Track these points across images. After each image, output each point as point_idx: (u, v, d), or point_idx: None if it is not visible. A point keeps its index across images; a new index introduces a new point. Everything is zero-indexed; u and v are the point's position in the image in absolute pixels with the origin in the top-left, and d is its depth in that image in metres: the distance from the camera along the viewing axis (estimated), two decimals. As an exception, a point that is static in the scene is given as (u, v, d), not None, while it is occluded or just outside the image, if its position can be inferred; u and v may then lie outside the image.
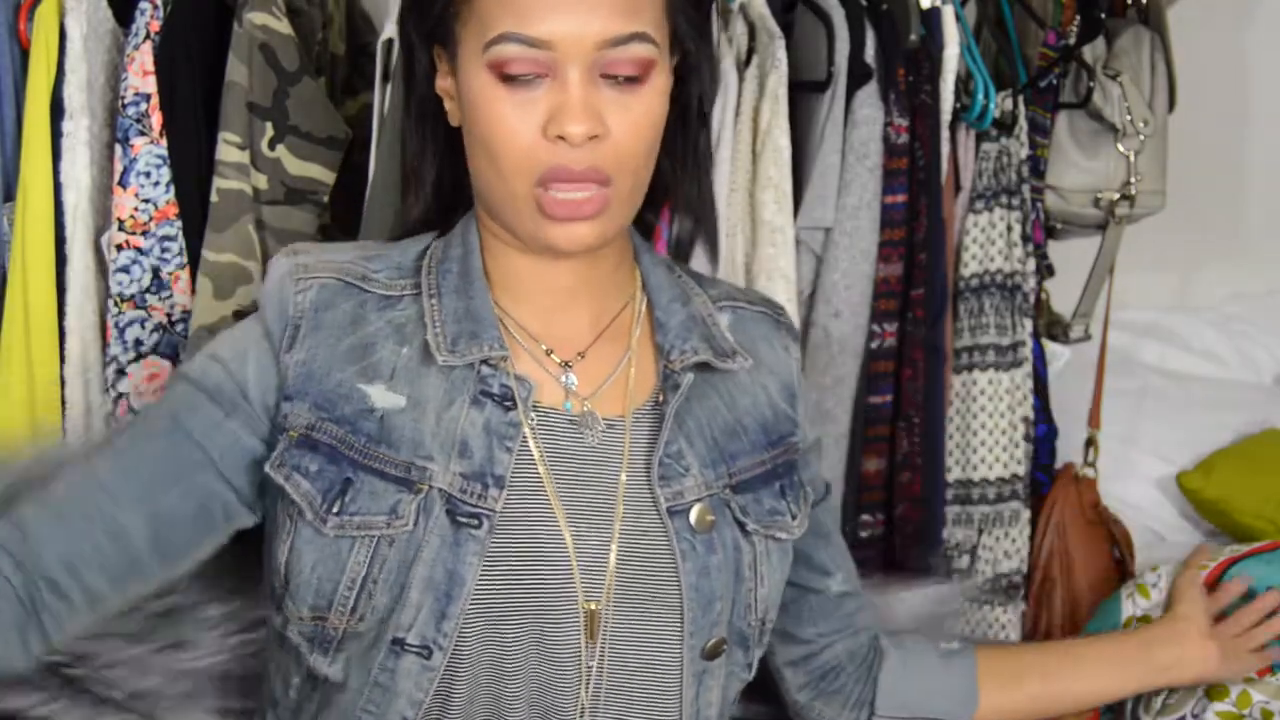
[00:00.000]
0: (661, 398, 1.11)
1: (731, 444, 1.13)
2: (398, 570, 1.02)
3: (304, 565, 1.04)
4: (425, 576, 1.02)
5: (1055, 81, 1.94)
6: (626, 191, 1.04)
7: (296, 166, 1.58)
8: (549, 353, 1.11)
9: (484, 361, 1.06)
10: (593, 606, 1.05)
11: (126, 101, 1.53)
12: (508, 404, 1.06)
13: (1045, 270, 1.96)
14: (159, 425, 1.08)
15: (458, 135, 1.09)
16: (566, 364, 1.10)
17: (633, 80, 1.01)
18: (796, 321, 1.65)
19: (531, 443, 1.07)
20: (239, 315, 1.54)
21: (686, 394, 1.10)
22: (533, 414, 1.07)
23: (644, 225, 1.19)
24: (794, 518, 1.15)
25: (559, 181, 1.00)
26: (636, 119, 1.02)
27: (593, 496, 1.07)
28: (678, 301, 1.14)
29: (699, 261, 1.30)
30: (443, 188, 1.14)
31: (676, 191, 1.15)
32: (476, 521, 1.03)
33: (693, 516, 1.08)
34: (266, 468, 1.06)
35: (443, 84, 1.08)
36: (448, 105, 1.09)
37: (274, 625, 1.10)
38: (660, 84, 1.04)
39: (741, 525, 1.10)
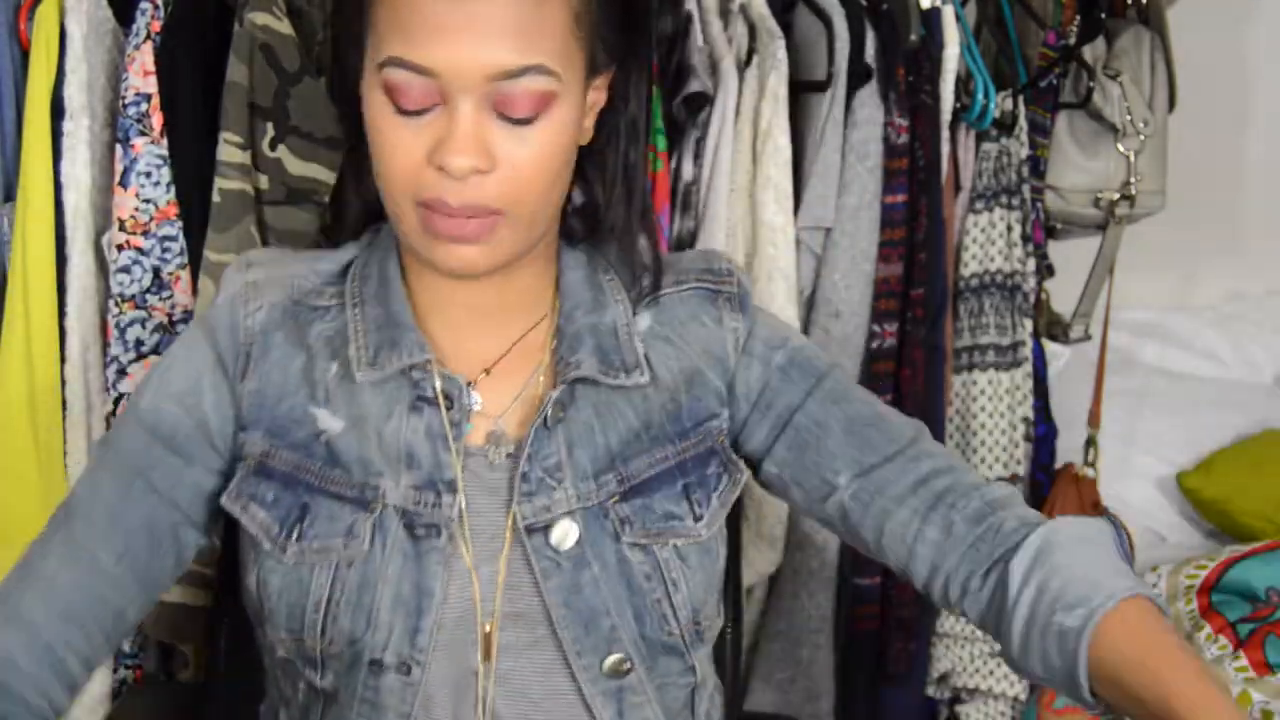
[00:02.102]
0: (548, 412, 1.05)
1: (628, 447, 1.06)
2: (359, 591, 1.01)
3: (272, 592, 1.04)
4: (393, 595, 1.01)
5: (1055, 81, 1.94)
6: (521, 219, 0.98)
7: (297, 166, 1.58)
8: (450, 372, 1.06)
9: (410, 368, 1.04)
10: (488, 628, 1.03)
11: (127, 101, 1.53)
12: (446, 405, 1.04)
13: (1045, 270, 1.96)
14: (125, 482, 1.05)
15: None
16: (470, 384, 1.06)
17: (529, 115, 0.95)
18: (796, 320, 1.65)
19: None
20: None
21: (571, 401, 1.05)
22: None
23: (569, 232, 1.12)
24: (698, 519, 1.07)
25: (437, 213, 0.96)
26: (532, 154, 0.96)
27: (492, 517, 1.04)
28: (582, 308, 1.08)
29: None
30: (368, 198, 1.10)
31: (599, 211, 1.09)
32: (435, 532, 1.02)
33: (554, 533, 1.03)
34: (223, 500, 1.05)
35: (362, 86, 1.03)
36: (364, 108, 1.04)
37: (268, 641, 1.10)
38: (563, 116, 0.97)
39: (619, 537, 1.04)
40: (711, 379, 1.10)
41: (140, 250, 1.55)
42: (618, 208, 1.08)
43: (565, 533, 1.03)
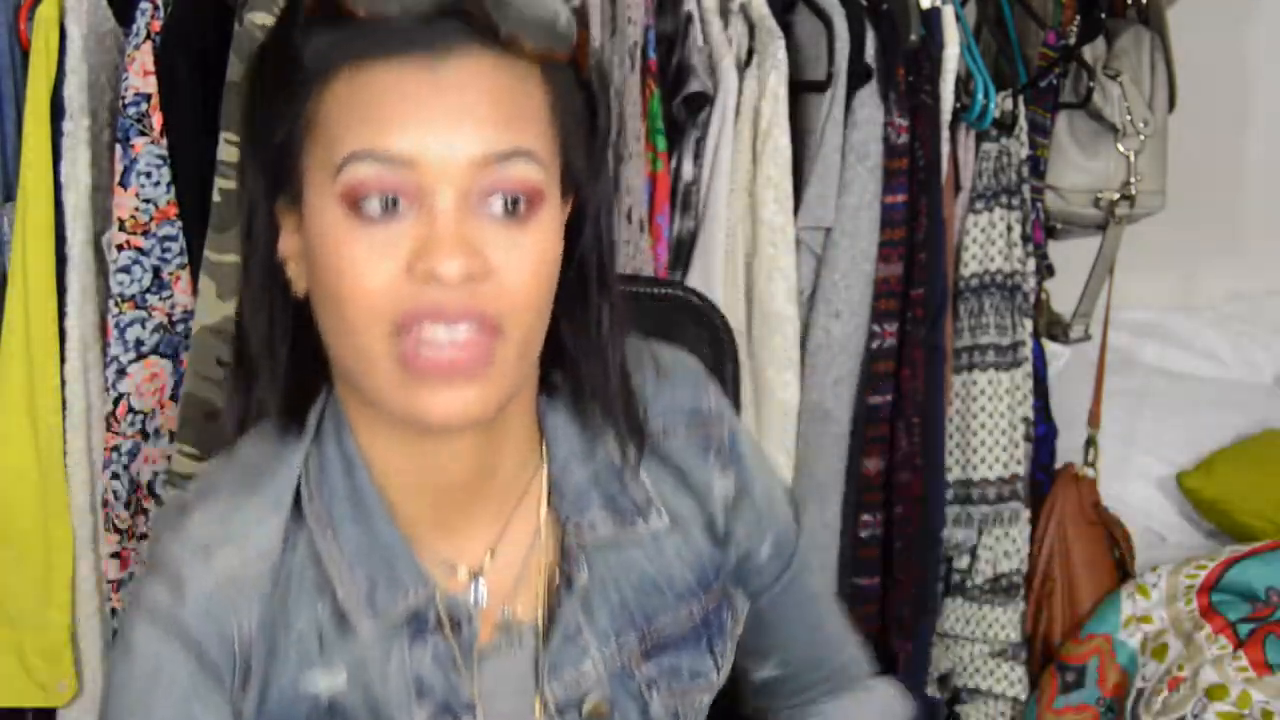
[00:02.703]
0: (557, 582, 0.94)
1: (649, 601, 0.96)
2: None
3: None
4: None
5: (1055, 81, 1.94)
6: (519, 345, 0.83)
7: (297, 166, 1.58)
8: (453, 569, 0.93)
9: (413, 612, 0.90)
10: None
11: (127, 101, 1.53)
12: (453, 627, 0.91)
13: (1045, 270, 1.96)
14: None
15: (306, 307, 0.87)
16: (476, 575, 0.93)
17: (520, 210, 0.81)
18: (796, 322, 1.65)
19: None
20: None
21: (578, 566, 0.94)
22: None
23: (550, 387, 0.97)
24: (719, 670, 1.01)
25: (425, 320, 0.79)
26: (528, 259, 0.81)
27: (516, 704, 0.95)
28: (577, 457, 0.95)
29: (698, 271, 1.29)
30: (297, 371, 0.90)
31: (576, 364, 0.92)
32: None
33: (585, 709, 0.94)
34: None
35: (285, 246, 0.87)
36: (291, 271, 0.87)
37: None
38: (552, 220, 0.84)
39: (647, 710, 0.96)
40: (709, 536, 1.00)
41: (140, 250, 1.55)
42: (597, 364, 0.92)
43: (595, 703, 0.95)
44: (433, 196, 0.79)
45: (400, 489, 0.90)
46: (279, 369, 0.89)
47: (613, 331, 0.92)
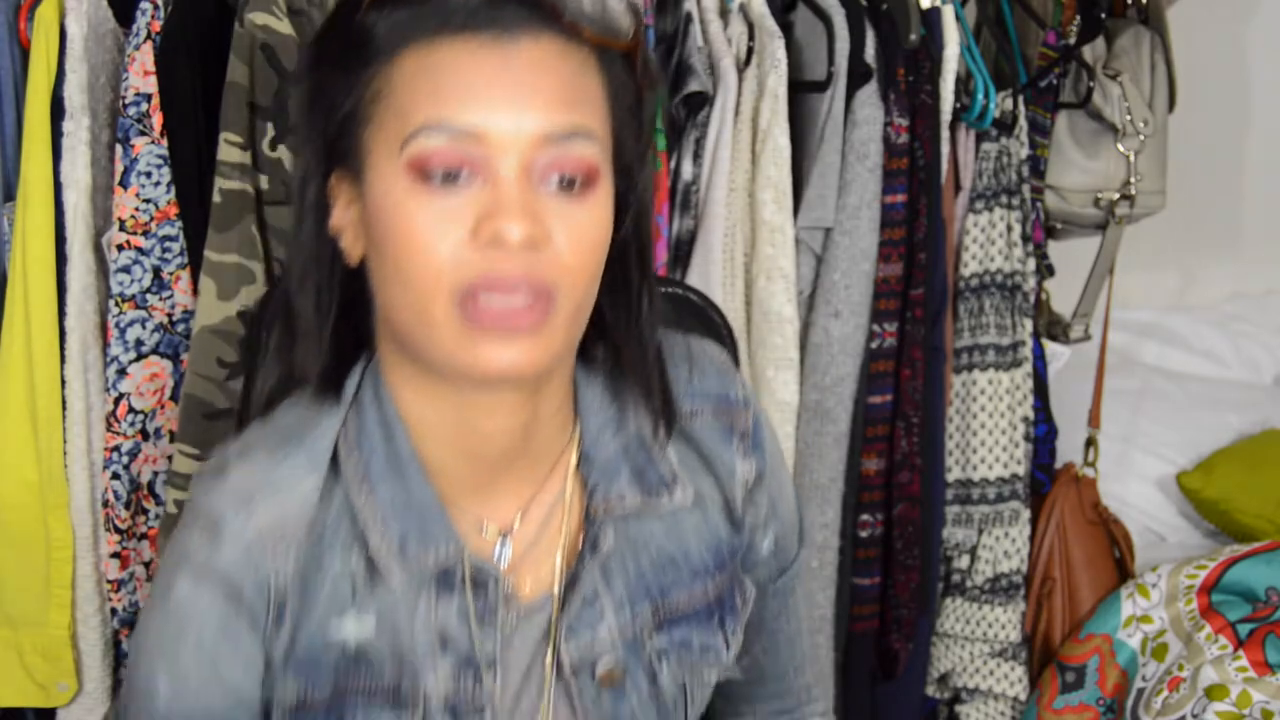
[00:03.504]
0: (580, 547, 0.98)
1: (664, 576, 1.00)
2: None
3: None
4: None
5: (1055, 81, 1.94)
6: (570, 314, 0.87)
7: (297, 166, 1.58)
8: (482, 528, 0.97)
9: (442, 567, 0.95)
10: None
11: (127, 101, 1.53)
12: (476, 585, 0.95)
13: (1045, 270, 1.96)
14: None
15: (353, 279, 0.93)
16: (505, 535, 0.97)
17: (577, 187, 0.86)
18: (796, 322, 1.65)
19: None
20: (243, 316, 1.54)
21: (601, 535, 0.98)
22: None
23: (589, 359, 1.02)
24: (729, 648, 1.04)
25: (489, 290, 0.84)
26: (582, 232, 0.86)
27: (533, 665, 0.99)
28: (609, 429, 0.99)
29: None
30: (341, 340, 0.95)
31: (615, 339, 0.98)
32: (480, 713, 0.96)
33: (598, 670, 0.98)
34: None
35: (340, 218, 0.92)
36: (344, 243, 0.92)
37: None
38: (607, 197, 0.89)
39: (656, 677, 1.00)
40: (727, 519, 1.05)
41: (140, 250, 1.55)
42: (635, 339, 0.98)
43: (608, 668, 0.99)
44: (497, 168, 0.84)
45: (437, 450, 0.94)
46: (324, 337, 0.94)
47: (651, 310, 0.97)
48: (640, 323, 0.97)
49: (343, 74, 0.88)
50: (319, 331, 0.94)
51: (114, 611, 1.62)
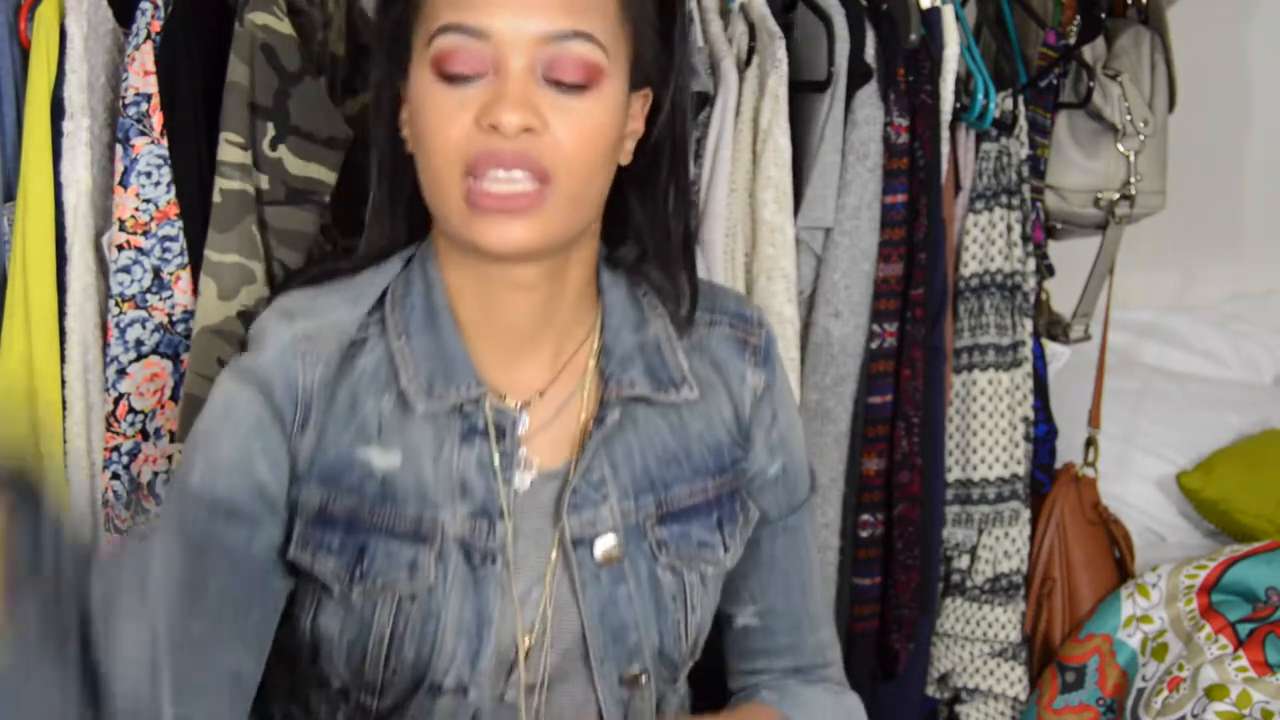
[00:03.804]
0: (590, 429, 1.09)
1: (668, 471, 1.10)
2: (423, 623, 1.04)
3: (332, 632, 1.06)
4: (455, 623, 1.04)
5: (1055, 81, 1.94)
6: (567, 194, 0.99)
7: (298, 167, 1.58)
8: (503, 398, 1.08)
9: (463, 403, 1.05)
10: (528, 642, 1.07)
11: (127, 101, 1.53)
12: (497, 436, 1.06)
13: (1045, 270, 1.96)
14: (198, 556, 1.02)
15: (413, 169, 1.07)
16: (524, 405, 1.08)
17: (578, 87, 0.98)
18: (796, 322, 1.65)
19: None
20: (243, 316, 1.54)
21: (618, 423, 1.08)
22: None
23: (616, 260, 1.15)
24: (726, 550, 1.13)
25: (488, 166, 0.97)
26: (581, 124, 0.99)
27: (541, 535, 1.08)
28: (628, 326, 1.11)
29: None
30: (412, 218, 1.11)
31: (642, 234, 1.11)
32: (491, 559, 1.05)
33: (597, 549, 1.07)
34: (290, 554, 1.04)
35: (403, 117, 1.07)
36: (405, 134, 1.06)
37: (311, 675, 1.10)
38: (611, 97, 1.00)
39: (656, 558, 1.09)
40: (734, 425, 1.14)
41: (140, 250, 1.55)
42: (661, 231, 1.10)
43: (607, 546, 1.07)
44: (504, 64, 0.97)
45: (468, 315, 1.07)
46: (395, 219, 1.10)
47: (679, 204, 1.10)
48: (667, 211, 1.09)
49: None
50: (390, 214, 1.10)
51: (114, 611, 1.62)
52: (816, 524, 1.22)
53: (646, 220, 1.10)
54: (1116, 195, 1.96)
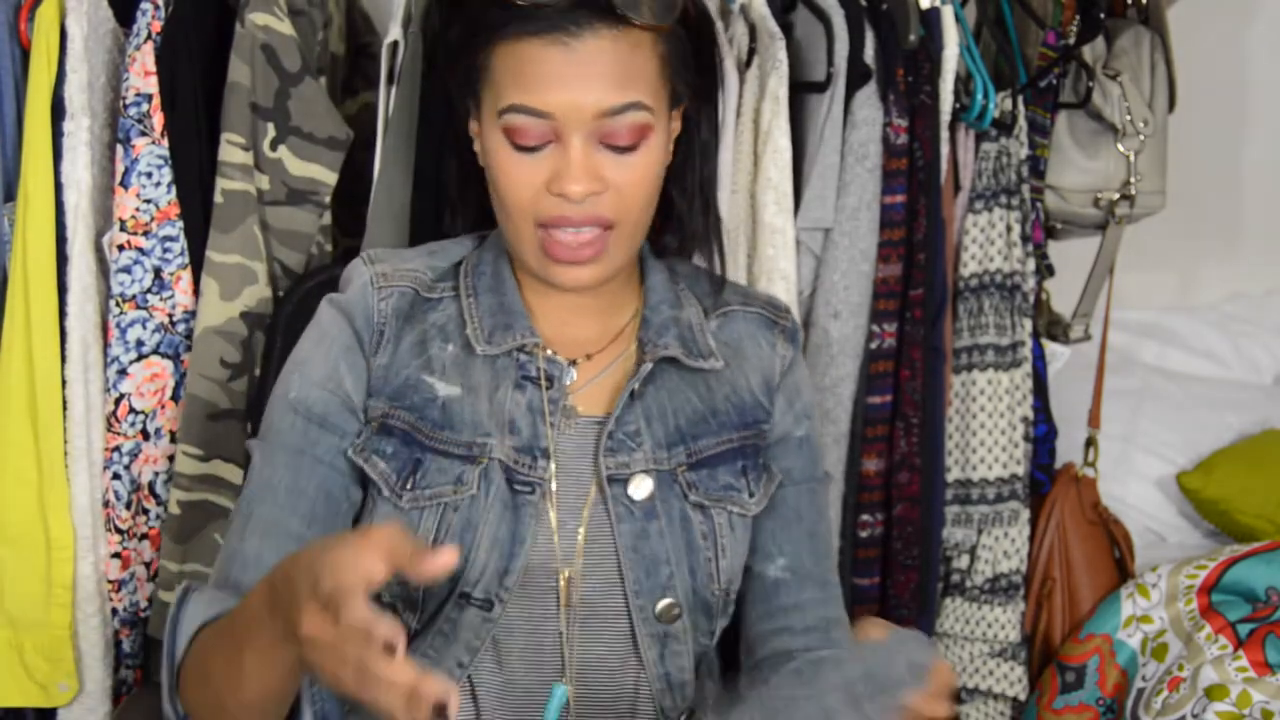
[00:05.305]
0: (627, 385, 1.22)
1: (697, 428, 1.23)
2: (462, 531, 1.15)
3: None
4: (491, 537, 1.15)
5: (1055, 81, 1.94)
6: (628, 232, 1.16)
7: (298, 167, 1.58)
8: (555, 354, 1.22)
9: (519, 349, 1.19)
10: (567, 574, 1.17)
11: (128, 102, 1.53)
12: (546, 384, 1.19)
13: (1045, 270, 1.96)
14: (294, 461, 1.18)
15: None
16: (573, 362, 1.22)
17: (631, 147, 1.13)
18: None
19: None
20: (245, 316, 1.54)
21: (650, 380, 1.22)
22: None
23: (661, 247, 1.30)
24: (752, 495, 1.23)
25: (559, 226, 1.13)
26: (635, 176, 1.14)
27: (580, 476, 1.19)
28: (666, 304, 1.25)
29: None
30: (482, 211, 1.25)
31: (684, 221, 1.27)
32: (530, 489, 1.17)
33: (631, 485, 1.18)
34: (349, 453, 1.18)
35: (473, 127, 1.20)
36: (476, 146, 1.20)
37: None
38: (657, 143, 1.15)
39: (686, 496, 1.20)
40: (760, 390, 1.26)
41: (141, 250, 1.56)
42: (698, 218, 1.27)
43: (641, 485, 1.18)
44: (567, 136, 1.11)
45: (532, 292, 1.23)
46: (469, 209, 1.29)
47: (708, 185, 1.27)
48: (700, 192, 1.26)
49: (469, 37, 1.16)
50: (461, 203, 1.29)
51: (114, 611, 1.62)
52: (831, 513, 1.34)
53: (685, 204, 1.26)
54: (1116, 195, 1.96)
